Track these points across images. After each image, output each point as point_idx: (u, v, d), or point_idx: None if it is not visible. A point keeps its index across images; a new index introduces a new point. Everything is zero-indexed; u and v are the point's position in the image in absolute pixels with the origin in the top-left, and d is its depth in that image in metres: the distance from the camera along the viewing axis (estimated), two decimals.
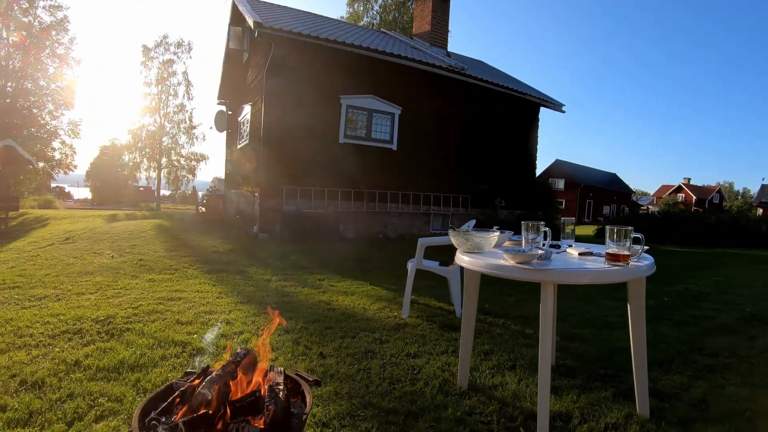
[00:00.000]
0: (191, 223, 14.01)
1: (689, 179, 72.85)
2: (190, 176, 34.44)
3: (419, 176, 12.70)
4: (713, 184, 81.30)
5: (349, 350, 3.50)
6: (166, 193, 37.67)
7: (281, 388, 1.87)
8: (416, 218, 12.93)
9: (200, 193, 21.36)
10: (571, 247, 2.54)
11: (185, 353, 3.32)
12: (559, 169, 50.82)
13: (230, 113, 16.68)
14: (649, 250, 2.41)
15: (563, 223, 2.78)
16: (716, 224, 15.79)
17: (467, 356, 2.90)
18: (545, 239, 2.51)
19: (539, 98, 15.30)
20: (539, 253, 2.11)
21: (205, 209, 16.25)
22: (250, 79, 13.50)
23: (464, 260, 2.35)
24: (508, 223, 12.24)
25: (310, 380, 2.05)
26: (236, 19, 14.15)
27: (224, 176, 17.70)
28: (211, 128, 17.12)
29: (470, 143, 13.82)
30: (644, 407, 2.56)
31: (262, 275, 6.45)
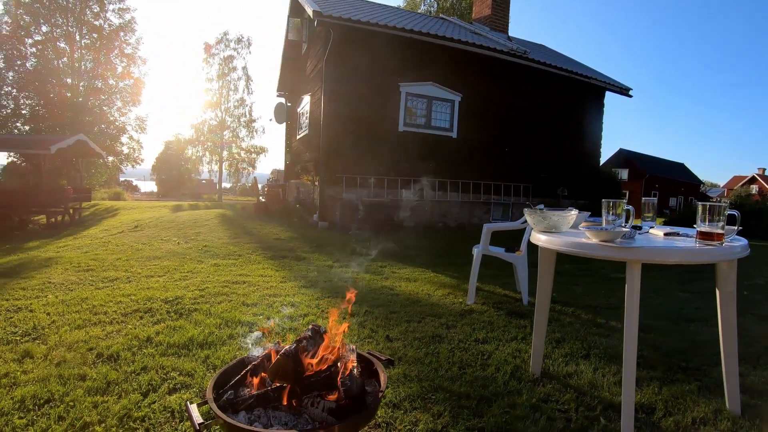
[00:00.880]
0: (252, 212, 14.38)
1: (764, 169, 67.66)
2: (250, 168, 35.37)
3: (479, 165, 12.44)
4: None
5: (415, 334, 3.46)
6: (227, 185, 38.88)
7: (355, 365, 1.85)
8: (476, 207, 12.70)
9: (260, 184, 21.89)
10: (653, 228, 2.38)
11: (252, 333, 3.39)
12: (622, 158, 48.63)
13: (289, 105, 16.96)
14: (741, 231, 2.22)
15: (644, 204, 2.62)
16: None
17: (541, 342, 2.79)
18: (627, 220, 2.36)
19: (605, 82, 14.58)
20: (625, 230, 1.97)
21: (265, 199, 16.66)
22: (309, 69, 13.64)
23: (541, 239, 2.25)
24: None
25: (382, 359, 2.02)
26: (295, 10, 14.32)
27: (284, 167, 18.05)
28: (270, 120, 17.51)
29: (532, 130, 13.40)
30: (735, 402, 2.38)
31: (323, 261, 6.51)
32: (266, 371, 1.85)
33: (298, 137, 15.09)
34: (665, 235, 2.22)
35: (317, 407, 1.69)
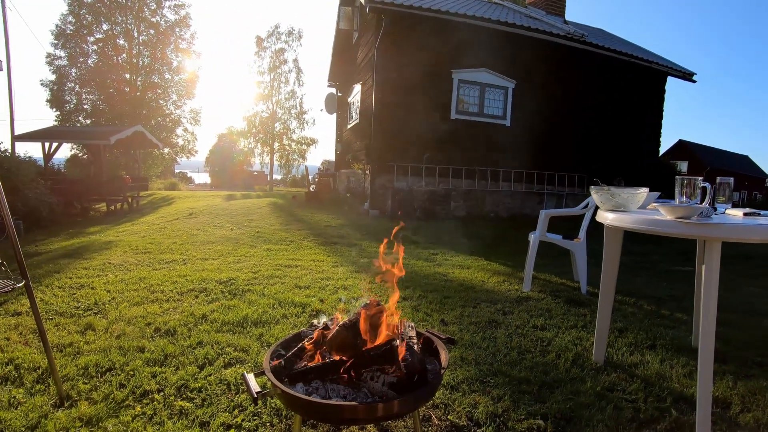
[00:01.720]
0: (303, 201, 14.59)
1: None
2: (300, 160, 35.86)
3: (533, 154, 12.05)
4: None
5: (471, 319, 3.40)
6: (278, 177, 39.61)
7: (415, 341, 1.81)
8: (529, 198, 12.39)
9: (311, 174, 22.17)
10: (729, 210, 2.21)
11: (305, 313, 3.43)
12: (682, 149, 46.37)
13: (340, 95, 17.05)
14: None
15: (718, 185, 2.43)
16: None
17: (605, 330, 2.68)
18: (703, 199, 2.20)
19: (666, 66, 13.84)
20: (702, 207, 1.84)
21: (315, 188, 16.87)
22: (360, 58, 13.64)
23: (608, 218, 2.14)
24: None
25: (443, 338, 1.97)
26: None
27: (334, 157, 18.19)
28: (321, 110, 17.63)
29: (588, 118, 12.88)
30: None
31: (374, 248, 6.51)
32: (325, 344, 1.84)
33: (348, 127, 15.16)
34: (745, 215, 2.06)
35: (377, 381, 1.66)
